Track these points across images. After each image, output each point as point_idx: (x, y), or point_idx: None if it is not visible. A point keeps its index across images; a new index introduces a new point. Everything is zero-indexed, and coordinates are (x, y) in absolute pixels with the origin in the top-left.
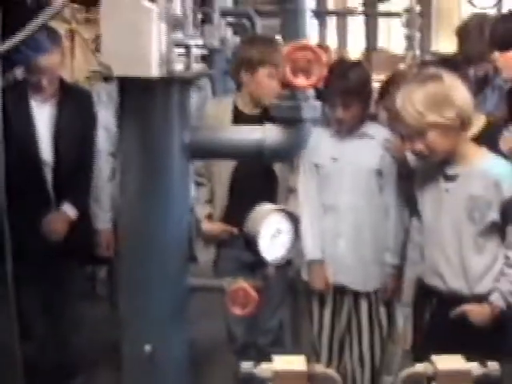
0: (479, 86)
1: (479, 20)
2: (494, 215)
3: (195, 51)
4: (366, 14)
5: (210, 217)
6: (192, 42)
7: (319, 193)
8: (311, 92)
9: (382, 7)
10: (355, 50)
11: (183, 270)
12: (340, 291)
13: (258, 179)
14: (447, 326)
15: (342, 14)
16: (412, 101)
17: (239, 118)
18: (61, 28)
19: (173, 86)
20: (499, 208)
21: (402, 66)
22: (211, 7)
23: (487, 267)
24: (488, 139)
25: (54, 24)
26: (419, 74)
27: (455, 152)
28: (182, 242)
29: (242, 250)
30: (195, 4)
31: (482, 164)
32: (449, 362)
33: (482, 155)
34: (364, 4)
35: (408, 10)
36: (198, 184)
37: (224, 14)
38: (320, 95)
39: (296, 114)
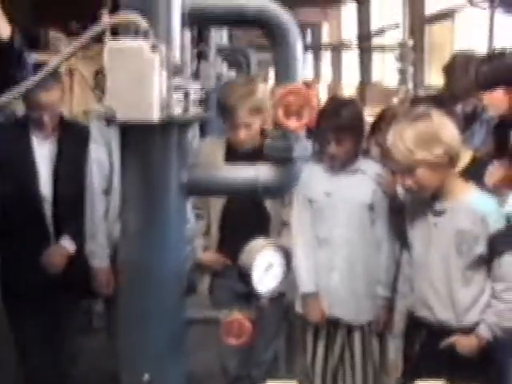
0: (467, 122)
1: (464, 58)
2: (480, 249)
3: (193, 95)
4: (359, 47)
5: (206, 248)
6: (190, 87)
7: (313, 227)
8: (302, 132)
9: (376, 41)
10: (350, 83)
11: (181, 303)
12: (334, 324)
13: (249, 213)
14: (436, 357)
15: (337, 48)
16: (402, 139)
17: (232, 155)
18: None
19: (172, 128)
20: (486, 242)
21: (395, 100)
22: (207, 45)
23: (474, 299)
24: (474, 174)
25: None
26: (409, 112)
27: (443, 187)
28: (179, 277)
29: (235, 281)
30: (192, 42)
31: (469, 199)
32: None
33: (469, 191)
34: (358, 38)
35: (401, 45)
36: (197, 217)
37: (220, 50)
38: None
39: (287, 153)
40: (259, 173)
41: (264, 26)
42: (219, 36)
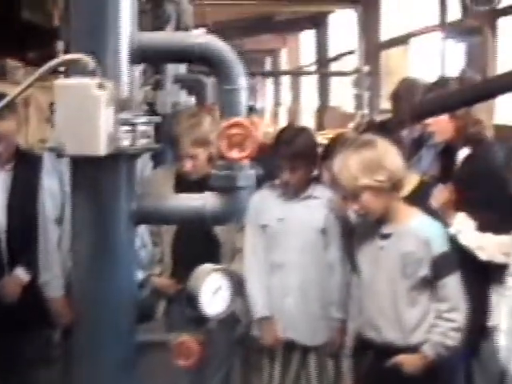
0: (414, 147)
1: (409, 84)
2: (424, 271)
3: (141, 127)
4: (316, 73)
5: (160, 274)
6: (138, 120)
7: (267, 252)
8: (246, 162)
9: (334, 66)
10: (309, 107)
11: (133, 329)
12: (289, 346)
13: (198, 240)
14: (383, 377)
15: (296, 74)
16: (347, 166)
17: (182, 184)
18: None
19: (120, 159)
20: (429, 264)
21: (351, 125)
22: (164, 75)
23: (420, 319)
24: (421, 197)
25: (9, 90)
26: (355, 140)
27: (388, 212)
28: (130, 302)
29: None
30: (148, 72)
31: (413, 223)
32: None
33: (413, 215)
34: (316, 63)
35: (356, 70)
36: (154, 244)
37: (177, 81)
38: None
39: (231, 182)
40: (206, 201)
41: (209, 62)
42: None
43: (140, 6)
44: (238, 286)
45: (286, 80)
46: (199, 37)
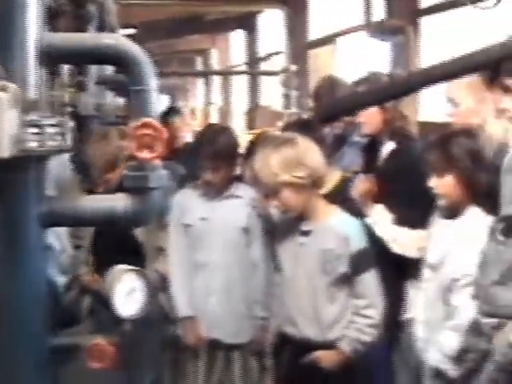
0: (337, 143)
1: (330, 82)
2: (343, 268)
3: (50, 129)
4: (246, 73)
5: (87, 274)
6: (46, 122)
7: (190, 251)
8: (158, 162)
9: (264, 66)
10: (239, 107)
11: (44, 332)
12: (213, 345)
13: (116, 241)
14: (302, 373)
15: (225, 74)
16: (267, 163)
17: None
18: None
19: (28, 162)
20: (348, 261)
21: (280, 124)
22: (87, 75)
23: (338, 316)
24: (343, 193)
25: None
26: (276, 138)
27: (308, 209)
28: (41, 305)
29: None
30: (72, 73)
31: (333, 221)
32: None
33: (333, 212)
34: (246, 63)
35: (284, 70)
36: (77, 247)
37: (100, 82)
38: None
39: (144, 183)
40: (117, 202)
41: (119, 63)
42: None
43: (61, 7)
44: (163, 285)
45: (216, 80)
46: (109, 38)
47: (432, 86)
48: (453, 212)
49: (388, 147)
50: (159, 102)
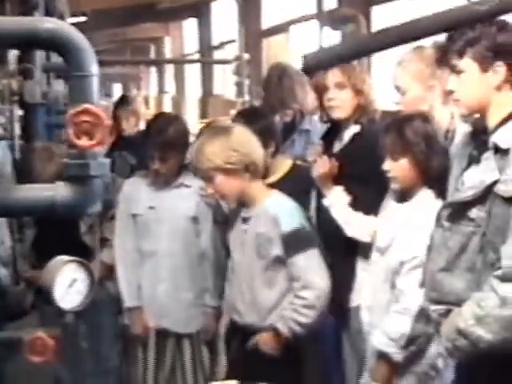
0: (287, 131)
1: (278, 70)
2: (276, 250)
3: None
4: (198, 61)
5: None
6: None
7: (138, 241)
8: (100, 150)
9: (217, 54)
10: (192, 95)
11: None
12: (163, 334)
13: (59, 232)
14: (247, 359)
15: (178, 62)
16: (201, 149)
17: None
18: None
19: None
20: (280, 243)
21: (233, 112)
22: (32, 63)
23: (277, 300)
24: (294, 180)
25: None
26: (214, 127)
27: (246, 196)
28: None
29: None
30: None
31: (266, 203)
32: None
33: (268, 196)
34: (200, 52)
35: (237, 58)
36: (19, 240)
37: (46, 70)
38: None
39: (84, 171)
40: (57, 192)
41: (57, 49)
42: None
43: None
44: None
45: (170, 68)
46: (47, 22)
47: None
48: (405, 195)
49: (352, 130)
50: (100, 89)
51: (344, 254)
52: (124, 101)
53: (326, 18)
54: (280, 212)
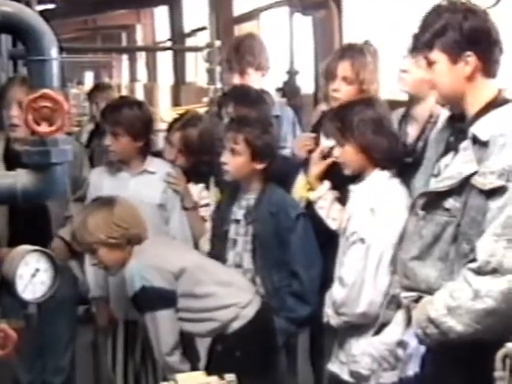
0: None
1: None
2: None
3: None
4: (170, 49)
5: None
6: None
7: None
8: (62, 137)
9: (189, 42)
10: (165, 83)
11: None
12: (132, 324)
13: (28, 215)
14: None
15: (150, 50)
16: (84, 223)
17: (13, 155)
18: None
19: None
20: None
21: (205, 99)
22: None
23: None
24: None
25: None
26: (96, 200)
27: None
28: None
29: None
30: None
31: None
32: (190, 379)
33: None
34: (171, 39)
35: (208, 45)
36: None
37: (13, 57)
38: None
39: (45, 158)
40: (17, 179)
41: (15, 32)
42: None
43: None
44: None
45: (142, 56)
46: (2, 4)
47: None
48: (359, 178)
49: None
50: (71, 76)
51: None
52: (99, 88)
53: (296, 4)
54: (131, 274)
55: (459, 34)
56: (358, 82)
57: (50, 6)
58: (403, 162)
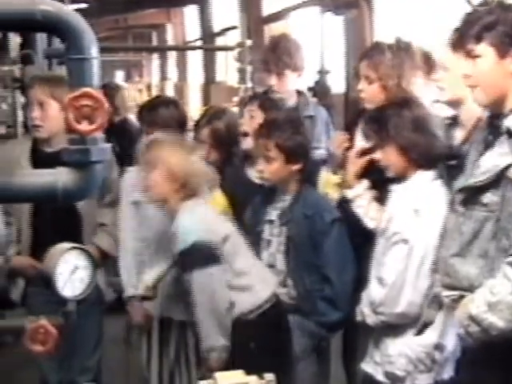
0: None
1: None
2: None
3: None
4: (200, 48)
5: (18, 254)
6: None
7: (139, 228)
8: (100, 135)
9: (220, 41)
10: (195, 82)
11: None
12: (167, 322)
13: (58, 215)
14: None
15: (180, 49)
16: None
17: (40, 156)
18: None
19: None
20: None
21: (235, 99)
22: (34, 49)
23: None
24: None
25: None
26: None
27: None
28: None
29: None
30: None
31: (176, 219)
32: (230, 377)
33: (183, 209)
34: (201, 39)
35: (239, 45)
36: (7, 223)
37: (48, 56)
38: None
39: (84, 157)
40: (58, 177)
41: (55, 31)
42: (57, 40)
43: None
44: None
45: (172, 55)
46: (43, 3)
47: None
48: (400, 178)
49: None
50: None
51: (368, 247)
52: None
53: (327, 4)
54: (179, 229)
55: (510, 30)
56: (378, 81)
57: (83, 6)
58: (448, 165)
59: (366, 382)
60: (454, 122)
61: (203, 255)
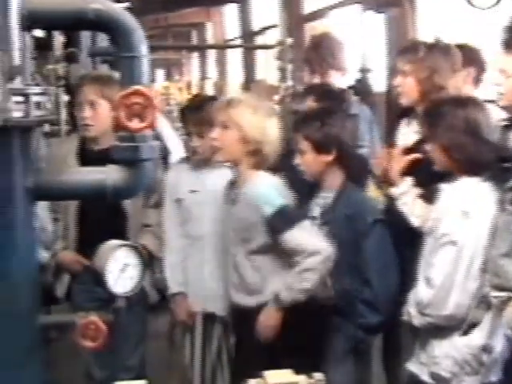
0: None
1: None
2: (261, 237)
3: (36, 98)
4: (240, 46)
5: (65, 249)
6: (31, 91)
7: (183, 225)
8: (149, 133)
9: (259, 39)
10: (235, 81)
11: (34, 308)
12: (210, 319)
13: (105, 214)
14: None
15: (220, 48)
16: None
17: (88, 154)
18: None
19: (12, 132)
20: (266, 226)
21: (276, 97)
22: (78, 47)
23: (265, 280)
24: None
25: None
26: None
27: (239, 175)
28: (30, 282)
29: (94, 283)
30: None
31: (249, 187)
32: (279, 377)
33: (256, 178)
34: (241, 37)
35: (279, 43)
36: (55, 220)
37: (92, 54)
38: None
39: (134, 154)
40: (108, 175)
41: (105, 29)
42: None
43: None
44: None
45: (212, 54)
46: (94, 2)
47: None
48: (449, 178)
49: None
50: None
51: (413, 246)
52: None
53: (369, 2)
54: (261, 197)
55: None
56: (414, 75)
57: (124, 5)
58: (503, 167)
59: (410, 382)
60: (510, 123)
61: (293, 214)
